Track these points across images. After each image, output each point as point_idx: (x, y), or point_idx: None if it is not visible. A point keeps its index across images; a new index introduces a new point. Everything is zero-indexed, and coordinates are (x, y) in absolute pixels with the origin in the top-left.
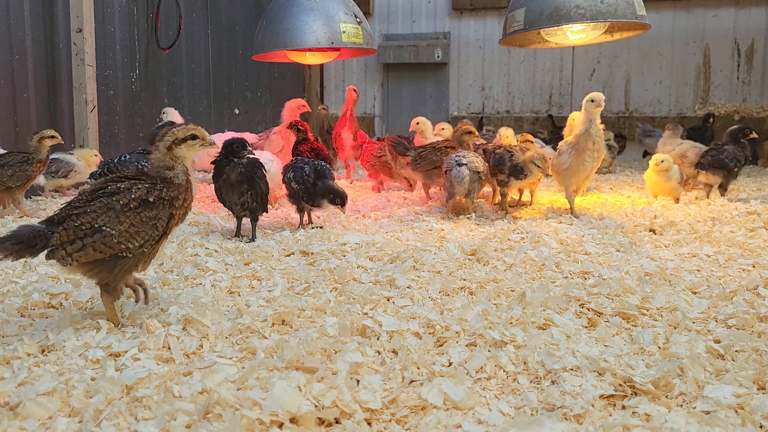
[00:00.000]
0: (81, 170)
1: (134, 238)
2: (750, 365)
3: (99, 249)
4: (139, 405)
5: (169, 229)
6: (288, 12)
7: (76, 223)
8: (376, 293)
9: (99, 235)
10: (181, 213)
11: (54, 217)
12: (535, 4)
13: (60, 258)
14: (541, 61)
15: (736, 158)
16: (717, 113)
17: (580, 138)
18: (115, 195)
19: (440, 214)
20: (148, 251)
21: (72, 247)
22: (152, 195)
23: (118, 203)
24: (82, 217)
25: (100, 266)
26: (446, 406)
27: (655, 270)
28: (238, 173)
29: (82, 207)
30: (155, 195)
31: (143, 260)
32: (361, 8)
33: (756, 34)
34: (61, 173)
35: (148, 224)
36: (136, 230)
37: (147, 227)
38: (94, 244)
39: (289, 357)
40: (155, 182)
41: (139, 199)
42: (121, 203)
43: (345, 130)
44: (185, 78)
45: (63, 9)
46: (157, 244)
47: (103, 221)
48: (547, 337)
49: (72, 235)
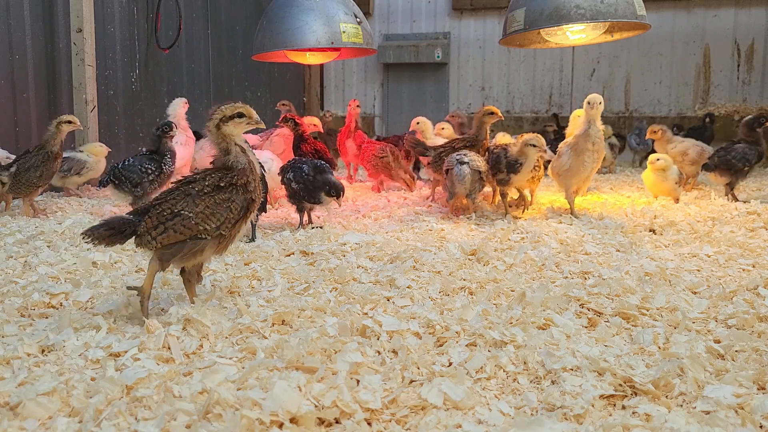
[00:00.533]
0: (93, 166)
1: (210, 219)
2: (750, 365)
3: (179, 230)
4: (139, 405)
5: (249, 212)
6: (288, 12)
7: (158, 210)
8: (376, 293)
9: (178, 218)
10: (256, 195)
11: (139, 208)
12: (535, 4)
13: (146, 243)
14: (541, 61)
15: (745, 157)
16: (717, 113)
17: (579, 139)
18: (191, 183)
19: (440, 214)
20: (226, 234)
21: (156, 231)
22: (224, 180)
23: (194, 189)
24: (164, 204)
25: (177, 248)
26: (446, 406)
27: (655, 270)
28: None
29: (163, 198)
30: (227, 180)
31: (222, 243)
32: (361, 8)
33: (756, 34)
34: (74, 171)
35: (222, 206)
36: (211, 212)
37: (221, 209)
38: (174, 227)
39: (289, 357)
40: (224, 171)
41: (212, 184)
42: (196, 189)
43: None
44: (185, 78)
45: (63, 9)
46: (234, 228)
47: (181, 206)
48: (547, 337)
49: (155, 221)
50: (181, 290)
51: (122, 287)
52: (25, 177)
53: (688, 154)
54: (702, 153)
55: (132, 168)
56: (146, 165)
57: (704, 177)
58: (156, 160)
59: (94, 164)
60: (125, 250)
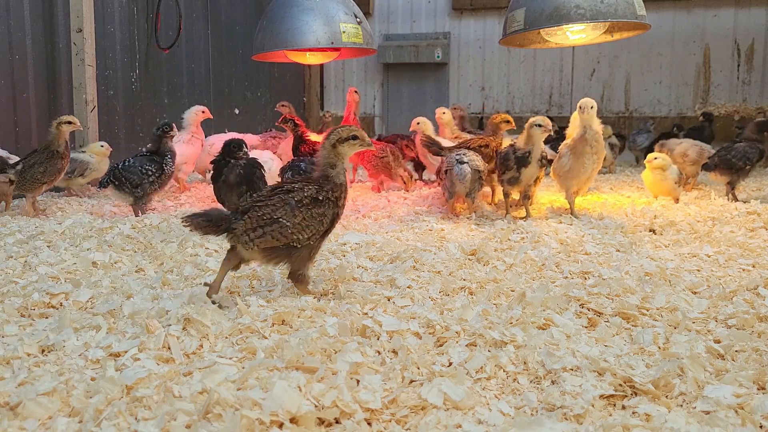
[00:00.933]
0: (96, 167)
1: (304, 230)
2: (750, 365)
3: (276, 237)
4: (139, 405)
5: (333, 225)
6: (288, 12)
7: (258, 213)
8: (376, 293)
9: (276, 225)
10: (341, 211)
11: (238, 207)
12: (535, 4)
13: (244, 242)
14: (541, 61)
15: (746, 156)
16: (717, 113)
17: (577, 143)
18: (290, 193)
19: (440, 214)
20: (314, 244)
21: (254, 233)
22: (321, 194)
23: (293, 200)
24: (264, 209)
25: (276, 253)
26: (446, 406)
27: (655, 270)
28: (236, 174)
29: (263, 201)
30: (323, 195)
31: (310, 252)
32: (361, 8)
33: (756, 34)
34: (77, 172)
35: (316, 219)
36: (306, 224)
37: (315, 222)
38: (272, 233)
39: (289, 357)
40: (322, 184)
41: (310, 197)
42: (295, 200)
43: None
44: (185, 78)
45: (63, 9)
46: (321, 239)
47: (280, 214)
48: (547, 337)
49: (254, 223)
50: (182, 290)
51: (122, 287)
52: (30, 173)
53: (688, 155)
54: (701, 152)
55: (132, 169)
56: (147, 166)
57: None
58: (156, 161)
59: (96, 164)
60: (125, 250)
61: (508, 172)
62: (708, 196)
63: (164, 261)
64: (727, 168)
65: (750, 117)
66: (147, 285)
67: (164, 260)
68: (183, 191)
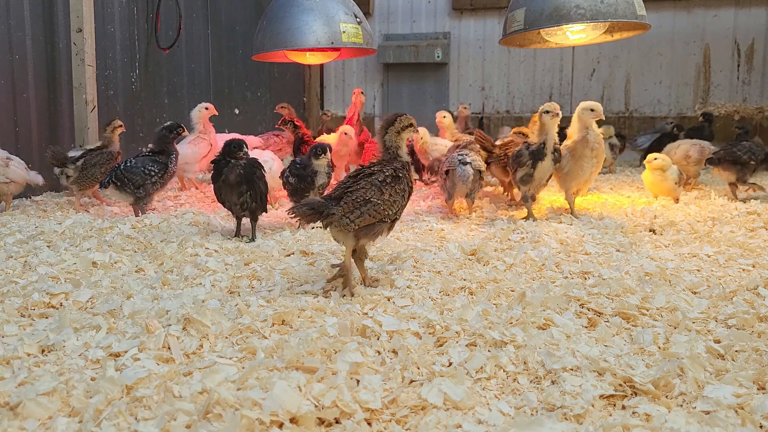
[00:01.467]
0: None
1: (393, 205)
2: (750, 365)
3: (372, 215)
4: (139, 405)
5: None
6: (288, 12)
7: (352, 198)
8: (376, 293)
9: (370, 205)
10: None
11: (330, 195)
12: (535, 4)
13: (344, 224)
14: (541, 61)
15: (751, 151)
16: (717, 113)
17: (577, 145)
18: (372, 175)
19: (440, 214)
20: (399, 218)
21: (353, 215)
22: (399, 172)
23: (377, 180)
24: (356, 193)
25: (366, 230)
26: (446, 406)
27: (655, 270)
28: (236, 174)
29: (352, 187)
30: (401, 172)
31: (389, 229)
32: (361, 8)
33: (756, 34)
34: None
35: (399, 194)
36: (393, 199)
37: (399, 197)
38: (368, 212)
39: (289, 357)
40: (396, 164)
41: (391, 176)
42: (379, 180)
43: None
44: (185, 78)
45: (63, 9)
46: (401, 214)
47: (370, 195)
48: (547, 337)
49: (351, 207)
50: (182, 290)
51: (122, 287)
52: (90, 172)
53: (690, 155)
54: (703, 150)
55: (134, 170)
56: (149, 167)
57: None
58: (159, 162)
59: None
60: (125, 250)
61: (521, 169)
62: (708, 196)
63: (164, 261)
64: (733, 162)
65: (750, 117)
66: (147, 285)
67: (164, 260)
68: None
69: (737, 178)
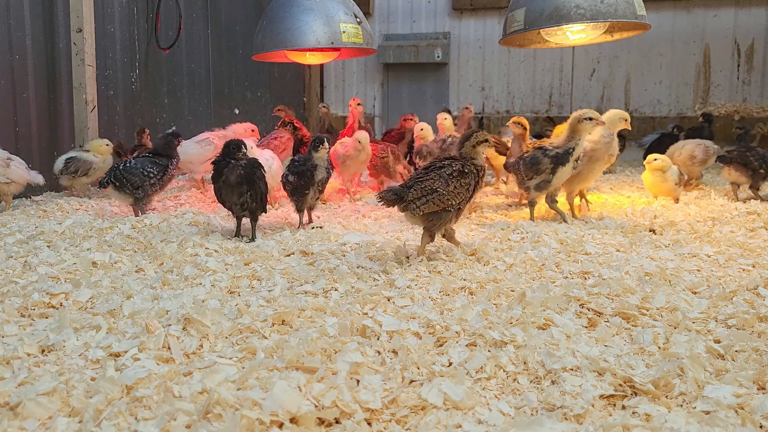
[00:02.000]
0: (99, 166)
1: (456, 197)
2: (750, 365)
3: (436, 203)
4: (139, 405)
5: (475, 193)
6: (288, 12)
7: (422, 186)
8: (377, 293)
9: (436, 194)
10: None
11: (405, 182)
12: (535, 4)
13: (412, 209)
14: (541, 61)
15: (763, 159)
16: (717, 113)
17: (598, 146)
18: (442, 168)
19: None
20: (463, 209)
21: (420, 201)
22: (466, 168)
23: (446, 173)
24: (425, 182)
25: (433, 216)
26: (446, 406)
27: (655, 270)
28: (237, 174)
29: (423, 177)
30: (468, 168)
31: (456, 216)
32: (361, 8)
33: (756, 34)
34: (81, 172)
35: (464, 188)
36: (457, 191)
37: (463, 190)
38: (433, 200)
39: (289, 357)
40: (465, 160)
41: (458, 170)
42: (447, 173)
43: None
44: (185, 78)
45: (63, 9)
46: (465, 204)
47: (437, 185)
48: (547, 337)
49: (420, 194)
50: (182, 290)
51: (122, 287)
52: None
53: (695, 155)
54: (707, 150)
55: (134, 171)
56: (148, 168)
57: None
58: (158, 164)
59: (100, 163)
60: (125, 250)
61: (538, 176)
62: (708, 196)
63: (164, 261)
64: (743, 164)
65: (750, 117)
66: (147, 285)
67: (164, 260)
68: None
69: (749, 184)
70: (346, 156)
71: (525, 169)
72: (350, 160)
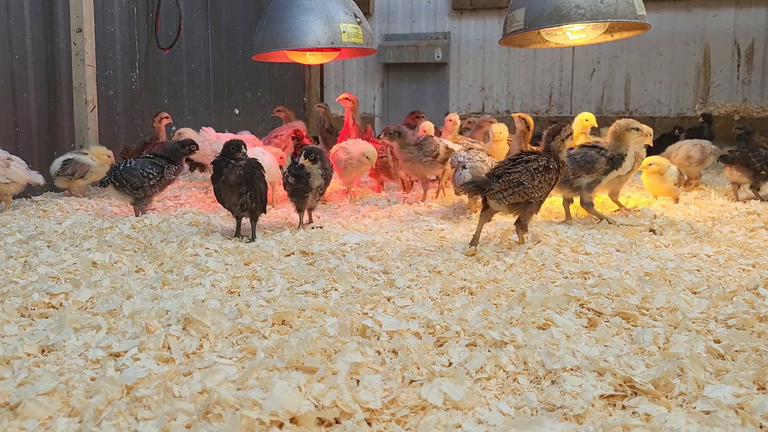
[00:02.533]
0: (96, 170)
1: (539, 190)
2: (750, 365)
3: (521, 195)
4: (139, 405)
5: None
6: (288, 12)
7: (509, 178)
8: (377, 293)
9: (522, 187)
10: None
11: (491, 173)
12: (535, 4)
13: (498, 199)
14: (541, 61)
15: (765, 161)
16: (717, 113)
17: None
18: (528, 162)
19: (440, 214)
20: (543, 201)
21: (506, 192)
22: (550, 164)
23: (532, 167)
24: (512, 175)
25: (517, 207)
26: (446, 406)
27: (655, 270)
28: (236, 175)
29: (510, 170)
30: (552, 164)
31: (536, 208)
32: (361, 8)
33: (756, 34)
34: (77, 175)
35: (547, 182)
36: (540, 185)
37: (546, 184)
38: (519, 192)
39: (289, 357)
40: (550, 156)
41: (543, 165)
42: (533, 167)
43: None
44: (185, 78)
45: (63, 9)
46: (546, 197)
47: (524, 178)
48: (547, 337)
49: (506, 185)
50: (182, 290)
51: (122, 287)
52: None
53: (692, 156)
54: (704, 150)
55: (134, 171)
56: (148, 169)
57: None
58: (158, 165)
59: (98, 167)
60: (125, 250)
61: (588, 175)
62: (708, 196)
63: (164, 261)
64: (745, 165)
65: (750, 117)
66: (147, 285)
67: (164, 260)
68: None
69: (753, 184)
70: (347, 161)
71: (574, 167)
72: (352, 166)
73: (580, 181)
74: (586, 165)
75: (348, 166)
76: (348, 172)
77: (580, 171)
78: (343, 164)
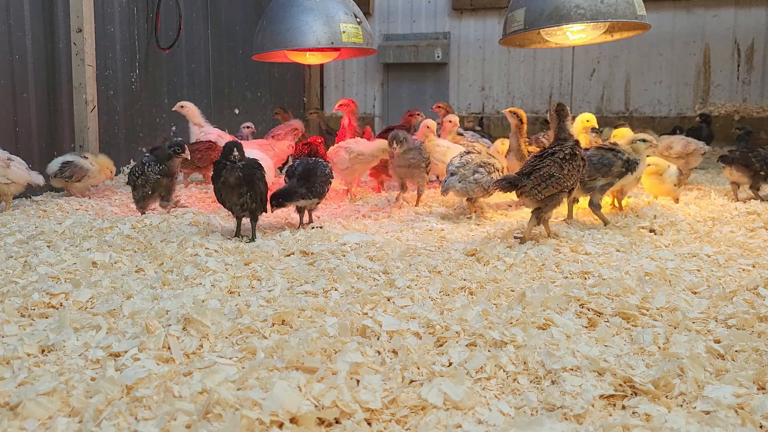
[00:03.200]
0: (94, 175)
1: (569, 178)
2: (750, 365)
3: (554, 186)
4: (139, 405)
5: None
6: (288, 12)
7: (540, 173)
8: (377, 293)
9: (553, 179)
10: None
11: (522, 170)
12: (535, 4)
13: (534, 194)
14: (541, 61)
15: (765, 161)
16: (717, 113)
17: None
18: (554, 154)
19: (440, 213)
20: (573, 188)
21: (540, 187)
22: (575, 150)
23: (558, 158)
24: (543, 169)
25: (548, 199)
26: (446, 406)
27: (655, 270)
28: (236, 176)
29: (539, 165)
30: (577, 150)
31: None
32: (361, 8)
33: (756, 34)
34: (75, 177)
35: (575, 169)
36: (570, 173)
37: (575, 171)
38: (552, 184)
39: (289, 357)
40: (574, 144)
41: (569, 153)
42: (560, 157)
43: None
44: (185, 78)
45: (63, 9)
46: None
47: (554, 170)
48: (547, 337)
49: (539, 180)
50: (182, 290)
51: (122, 287)
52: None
53: (672, 147)
54: (687, 145)
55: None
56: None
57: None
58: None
59: (96, 172)
60: (125, 250)
61: (604, 178)
62: (708, 196)
63: (164, 261)
64: (745, 165)
65: (750, 117)
66: (147, 285)
67: (164, 260)
68: None
69: (750, 185)
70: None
71: (590, 170)
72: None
73: (594, 183)
74: (603, 168)
75: (356, 164)
76: (354, 170)
77: (596, 174)
78: (349, 162)
